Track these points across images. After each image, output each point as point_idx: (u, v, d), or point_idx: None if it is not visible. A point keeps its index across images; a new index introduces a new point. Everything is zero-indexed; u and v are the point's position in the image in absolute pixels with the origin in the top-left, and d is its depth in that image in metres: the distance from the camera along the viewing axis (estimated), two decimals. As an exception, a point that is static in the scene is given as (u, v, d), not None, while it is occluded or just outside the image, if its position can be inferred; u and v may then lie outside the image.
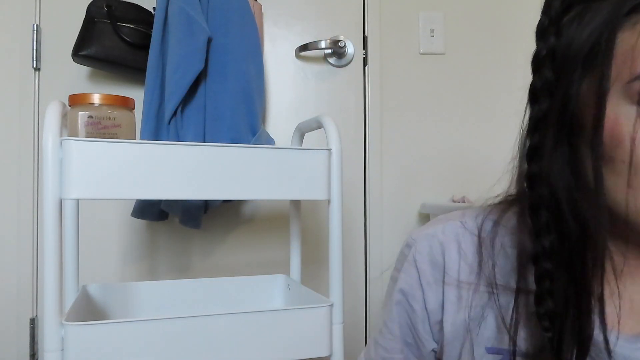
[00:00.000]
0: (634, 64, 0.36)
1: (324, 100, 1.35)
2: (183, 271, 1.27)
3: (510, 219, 0.48)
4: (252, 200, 1.29)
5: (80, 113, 0.73)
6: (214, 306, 0.98)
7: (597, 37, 0.38)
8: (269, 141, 1.19)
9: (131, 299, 0.94)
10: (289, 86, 1.33)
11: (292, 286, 0.99)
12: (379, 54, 1.36)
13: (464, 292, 0.49)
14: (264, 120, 1.29)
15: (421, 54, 1.40)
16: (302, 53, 1.32)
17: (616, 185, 0.39)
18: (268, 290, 1.03)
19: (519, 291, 0.45)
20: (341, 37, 1.33)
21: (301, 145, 1.02)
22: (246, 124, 1.14)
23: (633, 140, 0.37)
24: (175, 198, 0.71)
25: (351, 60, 1.35)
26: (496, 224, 0.49)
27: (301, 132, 1.00)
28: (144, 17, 1.16)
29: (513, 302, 0.45)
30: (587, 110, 0.40)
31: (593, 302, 0.41)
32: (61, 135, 0.66)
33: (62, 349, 0.65)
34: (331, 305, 0.80)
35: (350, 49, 1.35)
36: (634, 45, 0.36)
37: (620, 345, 0.42)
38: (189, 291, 0.97)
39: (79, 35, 1.11)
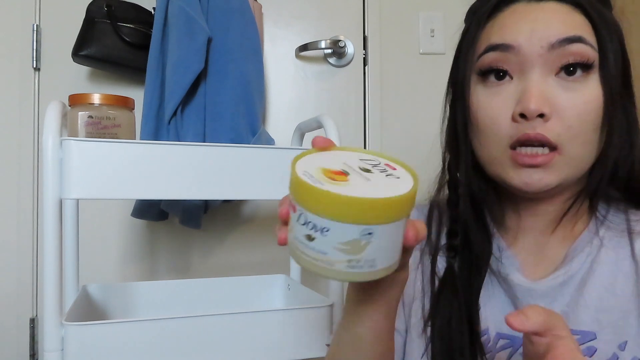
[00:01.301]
0: (479, 49, 0.53)
1: (324, 100, 1.35)
2: (183, 271, 1.27)
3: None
4: (252, 200, 1.29)
5: (80, 113, 0.73)
6: (214, 306, 0.98)
7: (470, 36, 0.56)
8: (269, 141, 1.19)
9: (131, 299, 0.94)
10: (289, 86, 1.33)
11: (292, 286, 0.99)
12: (379, 54, 1.36)
13: (416, 254, 0.61)
14: (264, 120, 1.29)
15: (421, 54, 1.40)
16: (302, 53, 1.32)
17: (476, 146, 0.55)
18: (268, 290, 1.03)
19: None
20: (341, 37, 1.33)
21: (301, 145, 1.01)
22: (246, 124, 1.14)
23: (474, 105, 0.53)
24: (175, 198, 0.71)
25: (351, 60, 1.35)
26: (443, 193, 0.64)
27: (301, 132, 1.00)
28: (144, 17, 1.16)
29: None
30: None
31: (500, 249, 0.56)
32: (61, 135, 0.66)
33: (62, 349, 0.65)
34: (331, 305, 0.80)
35: (350, 49, 1.34)
36: (480, 39, 0.54)
37: (526, 281, 0.54)
38: (189, 291, 0.97)
39: (79, 35, 1.11)
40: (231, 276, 1.02)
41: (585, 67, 0.49)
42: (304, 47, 1.30)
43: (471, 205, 0.56)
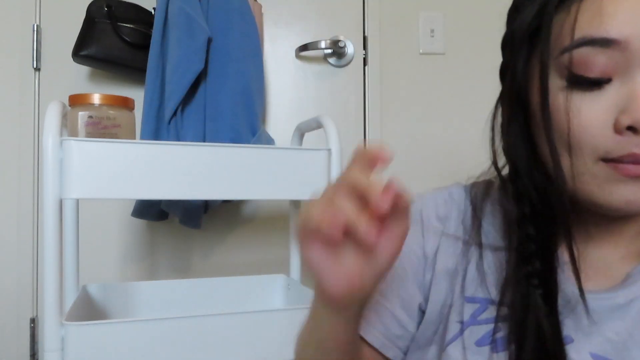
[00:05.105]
0: (561, 41, 0.41)
1: (324, 100, 1.35)
2: (183, 271, 1.27)
3: (495, 191, 0.55)
4: (252, 200, 1.29)
5: (80, 113, 0.73)
6: (214, 306, 0.98)
7: (539, 19, 0.43)
8: (269, 141, 1.19)
9: (131, 299, 0.94)
10: (289, 86, 1.33)
11: (292, 286, 0.99)
12: (378, 54, 1.36)
13: (457, 245, 0.54)
14: (264, 120, 1.29)
15: (421, 54, 1.40)
16: (302, 53, 1.32)
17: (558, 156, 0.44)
18: (268, 290, 1.03)
19: (508, 250, 0.50)
20: (341, 37, 1.33)
21: (301, 145, 1.02)
22: (246, 124, 1.14)
23: (565, 112, 0.41)
24: (175, 198, 0.71)
25: (351, 60, 1.35)
26: (485, 194, 0.55)
27: (301, 132, 1.00)
28: (144, 17, 1.16)
29: (502, 260, 0.50)
30: (533, 86, 0.45)
31: (559, 263, 0.47)
32: (61, 135, 0.66)
33: (62, 349, 0.65)
34: (331, 305, 0.80)
35: (350, 49, 1.34)
36: (562, 25, 0.41)
37: (587, 298, 0.45)
38: (189, 291, 0.97)
39: (79, 35, 1.11)
40: (231, 276, 1.02)
41: None
42: (304, 47, 1.30)
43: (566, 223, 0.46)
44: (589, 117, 0.40)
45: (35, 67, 1.19)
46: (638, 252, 0.47)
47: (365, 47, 1.36)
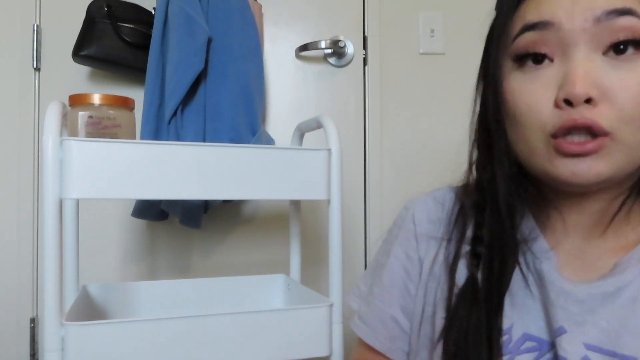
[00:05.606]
0: (513, 31, 0.48)
1: (324, 100, 1.35)
2: (183, 271, 1.27)
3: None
4: (252, 200, 1.29)
5: (80, 113, 0.73)
6: (214, 306, 0.98)
7: (503, 18, 0.50)
8: (269, 141, 1.19)
9: (131, 299, 0.94)
10: (289, 86, 1.33)
11: (292, 286, 0.99)
12: (379, 54, 1.36)
13: (446, 245, 0.57)
14: (264, 120, 1.29)
15: (421, 54, 1.40)
16: (302, 53, 1.32)
17: (512, 139, 0.49)
18: (268, 290, 1.03)
19: (459, 240, 0.55)
20: (341, 37, 1.33)
21: (301, 145, 1.01)
22: (246, 124, 1.14)
23: (516, 94, 0.47)
24: (175, 198, 0.71)
25: (351, 60, 1.35)
26: (468, 192, 0.59)
27: (301, 132, 1.00)
28: (144, 17, 1.16)
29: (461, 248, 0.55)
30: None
31: (542, 253, 0.51)
32: (61, 135, 0.66)
33: (62, 349, 0.65)
34: (331, 305, 0.80)
35: (350, 49, 1.34)
36: (515, 20, 0.48)
37: (577, 288, 0.48)
38: (189, 291, 0.97)
39: (79, 35, 1.11)
40: (231, 276, 1.02)
41: (637, 44, 0.42)
42: (304, 47, 1.30)
43: (501, 209, 0.50)
44: (534, 95, 0.46)
45: (35, 67, 1.20)
46: (624, 244, 0.49)
47: (365, 47, 1.36)
